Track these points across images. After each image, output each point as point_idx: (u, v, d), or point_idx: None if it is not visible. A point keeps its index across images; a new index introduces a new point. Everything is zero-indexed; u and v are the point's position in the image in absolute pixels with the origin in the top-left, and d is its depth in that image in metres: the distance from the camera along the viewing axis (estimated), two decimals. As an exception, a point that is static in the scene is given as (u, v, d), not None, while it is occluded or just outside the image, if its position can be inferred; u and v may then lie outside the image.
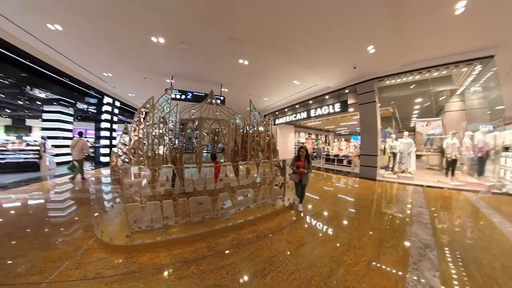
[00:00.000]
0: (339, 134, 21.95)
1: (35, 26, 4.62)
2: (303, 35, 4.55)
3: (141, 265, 2.07)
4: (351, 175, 7.92)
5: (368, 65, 6.11)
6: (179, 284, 1.80)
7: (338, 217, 3.42)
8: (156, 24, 4.39)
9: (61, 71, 6.98)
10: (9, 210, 3.74)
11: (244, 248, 2.40)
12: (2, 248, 2.35)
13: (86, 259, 2.16)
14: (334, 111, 8.75)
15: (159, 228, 2.65)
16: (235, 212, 3.22)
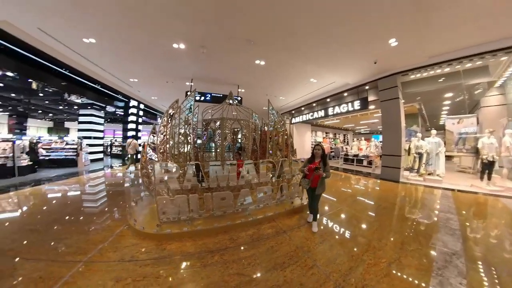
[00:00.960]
0: (359, 133, 21.03)
1: (73, 41, 5.26)
2: (320, 31, 4.48)
3: (170, 252, 2.29)
4: (372, 176, 7.59)
5: (390, 59, 5.80)
6: (205, 271, 1.97)
7: (357, 219, 3.34)
8: (178, 32, 4.72)
9: (93, 79, 7.81)
10: (54, 199, 4.32)
11: (264, 242, 2.51)
12: (52, 231, 2.76)
13: (122, 244, 2.45)
14: (354, 109, 8.47)
15: (185, 220, 2.88)
16: (255, 208, 3.35)
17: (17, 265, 2.04)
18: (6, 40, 5.04)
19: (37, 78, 6.81)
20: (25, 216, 3.37)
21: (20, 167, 6.61)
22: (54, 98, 9.02)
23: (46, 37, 5.04)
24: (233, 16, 4.09)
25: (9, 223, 3.09)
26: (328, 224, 3.16)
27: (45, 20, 4.41)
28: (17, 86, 7.53)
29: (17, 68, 6.13)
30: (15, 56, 5.65)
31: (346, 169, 9.51)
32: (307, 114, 11.64)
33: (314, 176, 2.89)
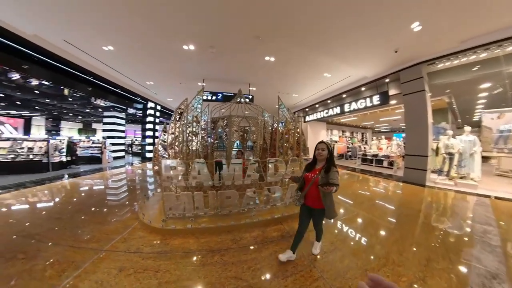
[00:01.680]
0: (378, 131, 19.68)
1: (94, 49, 5.68)
2: (332, 18, 4.13)
3: (173, 247, 2.33)
4: (393, 178, 6.94)
5: (413, 47, 5.15)
6: (203, 270, 1.94)
7: (375, 226, 3.01)
8: (186, 33, 4.82)
9: (114, 83, 8.40)
10: (80, 192, 4.87)
11: (267, 245, 2.37)
12: (74, 220, 3.09)
13: (131, 235, 2.60)
14: (372, 105, 7.83)
15: (189, 216, 2.89)
16: (262, 208, 3.23)
17: (40, 247, 2.31)
18: (39, 52, 5.67)
19: (67, 85, 7.58)
20: (53, 206, 3.83)
21: (53, 163, 7.48)
22: (82, 102, 9.93)
23: (71, 47, 5.54)
24: (240, 13, 4.02)
25: (40, 211, 3.54)
26: (341, 230, 2.89)
27: (68, 32, 4.84)
28: (51, 92, 8.45)
29: (51, 77, 6.91)
30: (48, 67, 6.42)
31: (364, 170, 8.89)
32: (321, 111, 11.18)
33: (310, 190, 1.97)
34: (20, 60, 5.78)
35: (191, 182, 2.97)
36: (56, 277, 1.80)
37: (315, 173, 1.99)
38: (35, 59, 5.97)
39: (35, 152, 7.25)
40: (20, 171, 6.77)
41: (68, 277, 1.80)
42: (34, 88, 7.72)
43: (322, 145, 2.03)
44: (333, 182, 1.73)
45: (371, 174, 7.98)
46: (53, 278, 1.79)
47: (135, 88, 9.51)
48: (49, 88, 7.92)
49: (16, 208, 3.68)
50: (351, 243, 2.50)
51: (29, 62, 5.99)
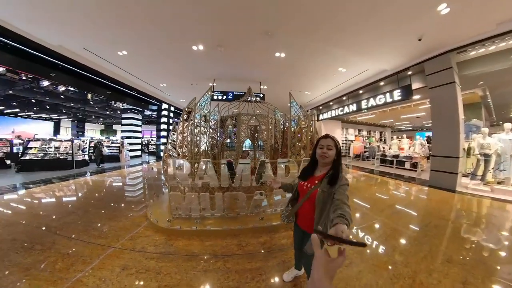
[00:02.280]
0: (398, 130, 18.32)
1: (110, 54, 6.03)
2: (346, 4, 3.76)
3: (176, 249, 2.28)
4: (416, 182, 6.28)
5: (440, 33, 4.53)
6: (204, 276, 1.85)
7: (397, 237, 2.66)
8: (194, 33, 4.85)
9: (131, 87, 8.82)
10: (99, 189, 5.29)
11: (275, 254, 2.19)
12: (88, 215, 3.26)
13: (138, 233, 2.64)
14: (393, 100, 7.14)
15: (195, 218, 2.82)
16: (271, 212, 3.07)
17: (55, 239, 2.47)
18: (63, 61, 6.17)
19: (89, 90, 8.21)
20: (73, 201, 4.16)
21: (77, 161, 8.19)
22: (102, 105, 10.64)
23: (90, 54, 5.96)
24: (247, 8, 3.88)
25: (61, 205, 3.85)
26: (361, 238, 2.62)
27: (87, 41, 5.25)
28: (75, 97, 9.15)
29: (74, 83, 7.50)
30: (72, 73, 6.96)
31: (383, 172, 8.22)
32: (336, 109, 10.64)
33: (304, 207, 1.38)
34: (48, 69, 6.38)
35: (197, 182, 2.91)
36: (64, 270, 1.88)
37: (313, 183, 1.33)
38: (60, 67, 6.53)
39: (61, 151, 7.89)
40: (48, 168, 7.48)
41: (75, 271, 1.87)
42: (61, 94, 8.41)
43: (328, 141, 1.32)
44: (342, 217, 0.91)
45: (391, 176, 7.35)
46: (62, 271, 1.88)
47: (149, 90, 9.90)
48: (74, 93, 8.59)
49: (42, 201, 4.05)
50: (370, 257, 2.19)
51: (56, 70, 6.57)
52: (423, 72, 5.92)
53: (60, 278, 1.77)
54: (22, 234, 2.58)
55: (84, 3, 3.80)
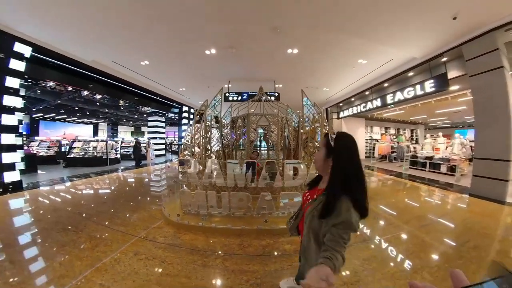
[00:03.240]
0: (434, 128, 16.17)
1: (134, 65, 6.76)
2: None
3: (182, 242, 2.45)
4: (454, 189, 5.30)
5: (480, 7, 3.69)
6: (202, 271, 1.92)
7: (426, 256, 2.17)
8: (206, 38, 5.13)
9: (155, 92, 9.71)
10: (127, 183, 6.13)
11: (275, 259, 2.11)
12: (115, 206, 3.77)
13: (152, 224, 2.93)
14: (424, 93, 6.25)
15: (203, 215, 2.92)
16: (277, 215, 2.95)
17: (87, 224, 2.92)
18: (97, 73, 7.19)
19: (119, 97, 9.41)
20: (104, 192, 4.90)
21: (110, 159, 9.40)
22: (131, 110, 11.85)
23: (118, 66, 6.83)
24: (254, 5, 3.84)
25: (95, 195, 4.60)
26: (374, 254, 2.20)
27: (116, 55, 6.09)
28: (109, 104, 10.41)
29: (107, 91, 8.70)
30: (105, 84, 8.13)
31: (413, 176, 7.21)
32: (358, 105, 9.90)
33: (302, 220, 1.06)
34: (86, 81, 7.61)
35: (205, 181, 3.00)
36: (90, 249, 2.24)
37: (312, 196, 1.03)
38: (95, 79, 7.68)
39: (98, 150, 9.15)
40: (88, 164, 8.77)
41: (98, 252, 2.20)
42: (97, 101, 9.70)
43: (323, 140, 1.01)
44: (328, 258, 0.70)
45: (423, 181, 6.39)
46: (87, 249, 2.25)
47: (171, 95, 10.64)
48: (108, 100, 9.78)
49: (81, 192, 4.86)
50: (390, 275, 1.83)
51: (92, 81, 7.78)
52: (462, 57, 5.03)
53: (86, 255, 2.12)
54: (63, 218, 3.14)
55: (111, 24, 4.43)
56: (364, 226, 2.81)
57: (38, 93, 7.94)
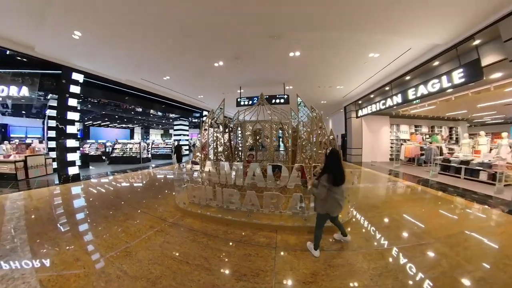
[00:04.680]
0: (481, 124, 13.50)
1: (158, 80, 8.31)
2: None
3: (183, 223, 3.24)
4: (495, 203, 4.24)
5: None
6: (190, 243, 2.61)
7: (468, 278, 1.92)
8: (214, 53, 5.94)
9: (178, 101, 11.24)
10: (153, 177, 7.73)
11: (246, 247, 2.52)
12: (143, 193, 5.16)
13: (166, 208, 3.95)
14: (452, 84, 5.28)
15: (203, 205, 3.61)
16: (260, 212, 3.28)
17: (122, 206, 4.08)
18: (131, 88, 8.94)
19: (148, 106, 11.31)
20: (137, 184, 6.32)
21: (143, 158, 11.31)
22: (159, 116, 13.72)
23: (146, 82, 8.37)
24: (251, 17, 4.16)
25: (130, 186, 5.96)
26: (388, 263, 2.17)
27: (143, 74, 7.59)
28: (141, 112, 12.62)
29: (140, 103, 10.73)
30: (137, 96, 10.01)
31: (441, 184, 6.11)
32: (377, 102, 9.27)
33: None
34: (123, 95, 9.61)
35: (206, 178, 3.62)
36: (122, 221, 3.33)
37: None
38: (130, 93, 9.55)
39: (133, 150, 11.15)
40: (126, 162, 10.84)
41: (126, 222, 3.30)
42: (132, 111, 11.81)
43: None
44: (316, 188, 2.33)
45: (456, 191, 5.29)
46: (121, 221, 3.34)
47: (192, 102, 12.04)
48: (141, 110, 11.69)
49: (120, 183, 6.39)
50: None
51: (127, 95, 9.71)
52: (498, 38, 4.13)
53: (119, 224, 3.20)
54: (107, 200, 4.49)
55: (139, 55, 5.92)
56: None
57: (89, 107, 10.13)
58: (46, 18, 4.18)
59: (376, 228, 3.09)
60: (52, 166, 7.52)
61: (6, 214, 3.50)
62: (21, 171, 6.46)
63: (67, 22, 4.32)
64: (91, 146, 12.55)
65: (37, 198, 4.58)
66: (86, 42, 5.15)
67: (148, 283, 1.85)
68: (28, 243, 2.53)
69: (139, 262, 2.18)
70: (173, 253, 2.38)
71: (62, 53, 5.90)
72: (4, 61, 6.09)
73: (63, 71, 6.29)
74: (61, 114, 6.44)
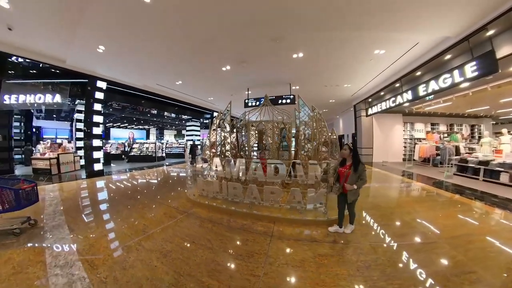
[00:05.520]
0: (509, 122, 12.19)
1: (172, 84, 9.03)
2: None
3: (193, 212, 3.75)
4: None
5: None
6: (197, 228, 3.08)
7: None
8: (221, 59, 6.45)
9: (189, 103, 11.99)
10: (167, 174, 8.53)
11: (245, 233, 2.86)
12: (158, 188, 5.89)
13: (178, 199, 4.51)
14: (465, 79, 5.01)
15: (210, 197, 4.04)
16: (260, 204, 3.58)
17: (140, 197, 4.84)
18: (147, 93, 9.81)
19: (163, 109, 12.23)
20: (152, 180, 7.08)
21: (158, 156, 12.31)
22: (172, 118, 14.58)
23: (160, 87, 9.23)
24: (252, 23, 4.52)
25: (146, 182, 6.74)
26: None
27: (158, 79, 8.43)
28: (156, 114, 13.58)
29: (155, 106, 11.53)
30: (152, 100, 10.80)
31: (457, 187, 5.77)
32: (387, 100, 9.12)
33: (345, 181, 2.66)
34: (139, 99, 10.49)
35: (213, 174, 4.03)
36: (141, 209, 3.92)
37: (346, 168, 2.71)
38: (146, 97, 10.45)
39: (149, 149, 12.29)
40: (142, 160, 11.93)
41: (144, 210, 3.85)
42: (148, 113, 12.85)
43: (346, 146, 2.79)
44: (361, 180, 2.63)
45: (475, 194, 4.91)
46: (140, 209, 3.93)
47: (203, 104, 12.79)
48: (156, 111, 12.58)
49: (137, 179, 7.13)
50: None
51: (144, 99, 10.60)
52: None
53: (138, 212, 3.73)
54: (126, 192, 5.36)
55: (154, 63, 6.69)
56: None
57: (110, 110, 11.25)
58: (76, 36, 4.94)
59: (373, 226, 3.14)
60: (80, 163, 8.57)
61: (46, 201, 4.21)
62: (54, 167, 7.49)
63: (94, 38, 5.09)
64: (112, 145, 13.82)
65: (68, 190, 5.39)
66: (109, 54, 5.99)
67: (160, 255, 2.27)
68: (66, 222, 3.15)
69: (154, 240, 2.64)
70: (182, 234, 2.81)
71: (88, 64, 6.82)
72: (41, 73, 7.14)
73: (89, 80, 7.23)
74: (88, 117, 7.37)
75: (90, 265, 2.05)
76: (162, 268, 2.02)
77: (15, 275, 1.85)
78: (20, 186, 2.78)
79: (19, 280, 1.79)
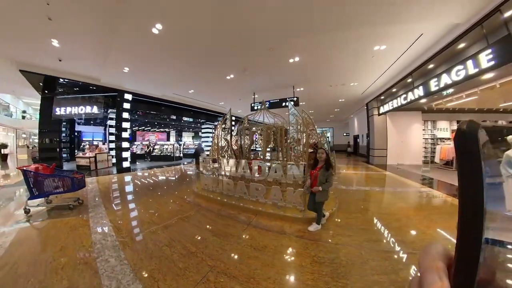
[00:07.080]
0: None
1: (185, 93, 10.61)
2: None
3: (197, 201, 4.70)
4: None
5: None
6: (199, 216, 3.83)
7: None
8: (225, 68, 7.48)
9: (203, 108, 13.61)
10: (183, 172, 9.38)
11: (229, 220, 3.56)
12: (174, 183, 7.10)
13: (186, 192, 5.54)
14: (480, 70, 4.62)
15: (210, 190, 4.96)
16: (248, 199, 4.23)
17: (160, 189, 6.03)
18: (166, 101, 11.54)
19: (181, 114, 13.87)
20: (170, 176, 8.32)
21: (175, 156, 13.91)
22: (190, 121, 16.31)
23: (176, 96, 10.87)
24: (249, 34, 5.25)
25: (165, 178, 7.98)
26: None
27: (174, 90, 10.03)
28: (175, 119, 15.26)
29: (173, 112, 13.32)
30: (171, 107, 12.49)
31: None
32: (399, 97, 8.91)
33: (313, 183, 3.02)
34: (159, 107, 12.21)
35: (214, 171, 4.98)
36: (158, 197, 5.07)
37: (316, 171, 3.04)
38: (165, 105, 12.17)
39: (168, 150, 14.04)
40: (163, 159, 13.68)
41: (161, 199, 4.91)
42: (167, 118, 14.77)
43: (322, 150, 3.09)
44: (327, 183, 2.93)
45: None
46: (158, 197, 5.09)
47: (215, 108, 14.29)
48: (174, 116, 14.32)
49: (158, 175, 8.48)
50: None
51: (163, 106, 12.32)
52: None
53: (156, 201, 4.76)
54: (148, 185, 6.49)
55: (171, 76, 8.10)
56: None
57: (136, 117, 13.35)
58: (107, 61, 6.59)
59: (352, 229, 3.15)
60: (112, 161, 10.54)
61: (88, 189, 5.67)
62: (92, 164, 9.49)
63: (120, 62, 6.75)
64: (137, 146, 16.05)
65: (103, 182, 6.95)
66: (132, 73, 7.74)
67: (163, 227, 3.26)
68: (102, 203, 4.43)
69: (161, 216, 3.73)
70: (182, 216, 3.78)
71: (117, 81, 8.72)
72: (82, 89, 9.11)
73: (118, 93, 9.18)
74: (118, 123, 9.24)
75: (116, 229, 3.14)
76: (162, 235, 2.98)
77: (72, 231, 3.02)
78: (74, 176, 4.07)
79: (75, 234, 2.94)
